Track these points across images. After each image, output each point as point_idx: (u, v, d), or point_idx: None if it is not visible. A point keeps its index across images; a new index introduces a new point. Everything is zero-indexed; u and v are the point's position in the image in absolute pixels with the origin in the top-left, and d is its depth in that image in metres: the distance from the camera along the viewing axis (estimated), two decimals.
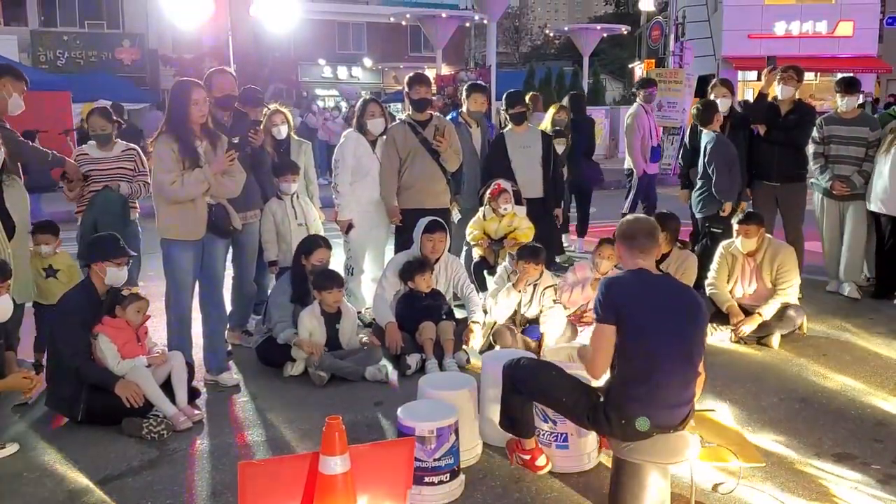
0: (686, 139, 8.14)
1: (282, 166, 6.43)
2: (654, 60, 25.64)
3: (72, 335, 4.75)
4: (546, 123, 8.91)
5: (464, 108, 7.65)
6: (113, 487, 4.06)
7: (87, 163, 5.98)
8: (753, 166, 7.60)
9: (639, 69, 30.47)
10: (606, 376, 3.73)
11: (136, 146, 6.29)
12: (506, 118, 7.75)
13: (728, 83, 7.99)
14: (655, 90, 9.75)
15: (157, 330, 5.59)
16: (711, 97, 7.78)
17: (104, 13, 31.77)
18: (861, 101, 7.53)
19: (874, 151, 7.26)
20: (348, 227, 6.69)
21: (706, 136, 7.33)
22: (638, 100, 9.80)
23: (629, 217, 3.93)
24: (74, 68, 29.29)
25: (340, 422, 3.00)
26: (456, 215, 7.19)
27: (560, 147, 8.40)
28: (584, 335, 5.78)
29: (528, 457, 4.09)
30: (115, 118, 6.22)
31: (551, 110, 9.15)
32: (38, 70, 25.17)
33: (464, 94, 7.74)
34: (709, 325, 6.14)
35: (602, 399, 3.64)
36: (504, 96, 7.66)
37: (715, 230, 7.26)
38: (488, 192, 6.90)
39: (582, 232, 9.72)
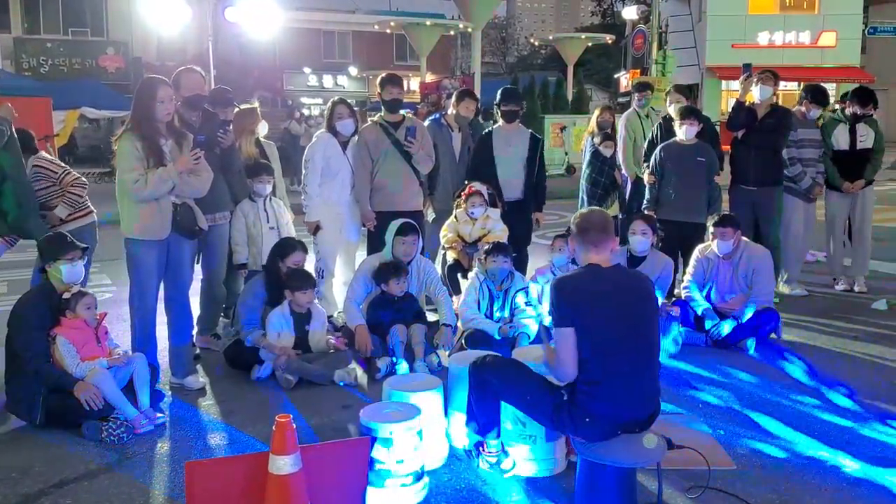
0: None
1: (257, 167, 6.34)
2: (639, 70, 25.75)
3: (29, 337, 4.63)
4: (591, 127, 8.78)
5: (451, 111, 7.60)
6: (68, 491, 3.95)
7: None
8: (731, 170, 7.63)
9: (624, 79, 30.58)
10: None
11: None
12: (496, 114, 7.64)
13: (682, 88, 8.18)
14: (650, 94, 9.51)
15: (123, 332, 5.48)
16: (667, 103, 7.82)
17: (88, 21, 31.51)
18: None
19: (821, 153, 7.71)
20: (315, 229, 6.61)
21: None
22: (633, 104, 9.44)
23: (583, 210, 3.85)
24: (58, 75, 29.06)
25: (290, 420, 2.91)
26: (430, 215, 7.12)
27: (608, 151, 8.29)
28: None
29: (494, 459, 4.01)
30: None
31: (595, 112, 9.01)
32: (19, 77, 24.97)
33: (454, 98, 7.71)
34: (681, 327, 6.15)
35: (566, 398, 3.57)
36: (500, 91, 7.45)
37: None
38: (462, 193, 6.84)
39: None
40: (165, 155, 4.99)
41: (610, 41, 36.91)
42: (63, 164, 6.26)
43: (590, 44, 34.49)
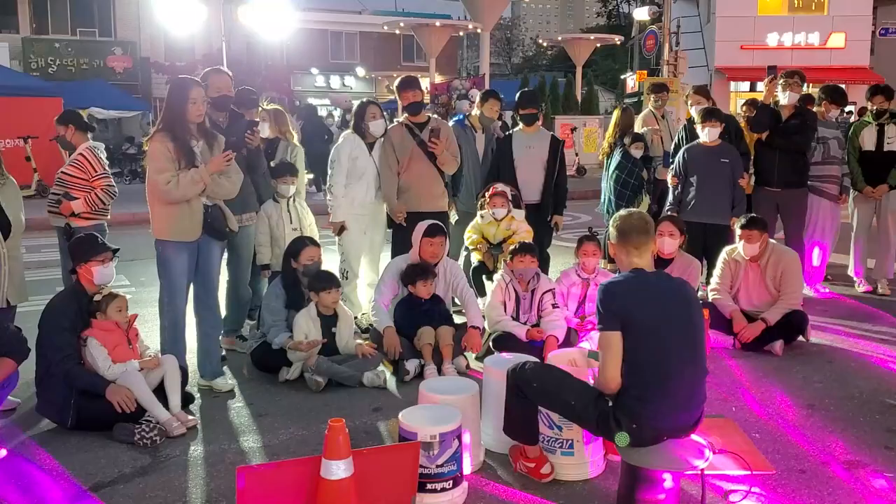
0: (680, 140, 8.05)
1: (281, 168, 6.32)
2: (645, 71, 25.68)
3: (61, 339, 4.61)
4: (615, 126, 8.70)
5: (475, 112, 7.60)
6: (103, 495, 3.91)
7: None
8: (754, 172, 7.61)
9: (630, 80, 30.48)
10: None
11: None
12: (515, 118, 7.60)
13: (702, 90, 8.14)
14: (667, 95, 9.43)
15: (150, 334, 5.46)
16: (689, 106, 7.79)
17: (96, 21, 31.53)
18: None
19: (844, 152, 7.72)
20: (340, 229, 6.58)
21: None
22: (649, 105, 9.37)
23: (622, 213, 3.81)
24: (66, 76, 29.06)
25: (344, 425, 2.87)
26: (453, 216, 7.09)
27: (638, 152, 8.20)
28: (590, 341, 5.67)
29: (532, 464, 3.98)
30: None
31: (615, 113, 8.93)
32: (29, 76, 24.97)
33: (478, 98, 7.70)
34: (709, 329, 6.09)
35: (611, 404, 3.54)
36: (518, 94, 7.49)
37: None
38: (486, 194, 6.81)
39: None
40: (197, 156, 4.97)
41: (618, 42, 36.85)
42: (107, 170, 6.31)
43: (598, 45, 34.40)
